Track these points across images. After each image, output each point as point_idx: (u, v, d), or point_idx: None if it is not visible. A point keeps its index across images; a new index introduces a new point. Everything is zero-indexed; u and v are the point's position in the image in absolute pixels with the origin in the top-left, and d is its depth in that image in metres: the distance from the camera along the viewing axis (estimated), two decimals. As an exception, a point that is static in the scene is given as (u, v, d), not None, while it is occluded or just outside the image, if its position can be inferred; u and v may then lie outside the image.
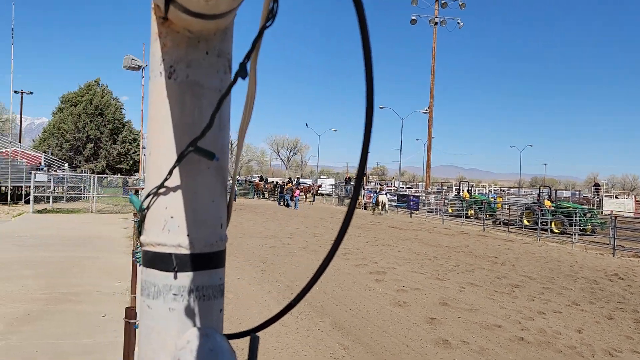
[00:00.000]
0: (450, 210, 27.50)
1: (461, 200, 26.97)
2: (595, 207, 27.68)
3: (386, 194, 31.19)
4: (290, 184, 32.66)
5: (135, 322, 2.97)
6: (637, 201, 39.74)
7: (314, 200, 39.07)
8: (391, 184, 77.04)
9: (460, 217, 25.44)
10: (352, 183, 38.42)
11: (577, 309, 8.15)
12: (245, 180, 51.73)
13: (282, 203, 33.16)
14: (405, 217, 27.68)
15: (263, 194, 42.68)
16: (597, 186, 40.69)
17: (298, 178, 44.30)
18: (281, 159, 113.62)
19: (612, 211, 21.24)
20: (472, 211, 25.97)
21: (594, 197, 38.66)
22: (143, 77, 20.35)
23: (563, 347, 6.13)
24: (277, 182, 43.71)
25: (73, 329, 5.50)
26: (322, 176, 70.66)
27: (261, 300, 7.68)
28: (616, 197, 41.54)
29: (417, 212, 28.18)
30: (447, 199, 29.62)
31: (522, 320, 7.23)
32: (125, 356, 2.98)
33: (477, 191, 42.58)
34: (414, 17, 36.44)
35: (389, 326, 6.66)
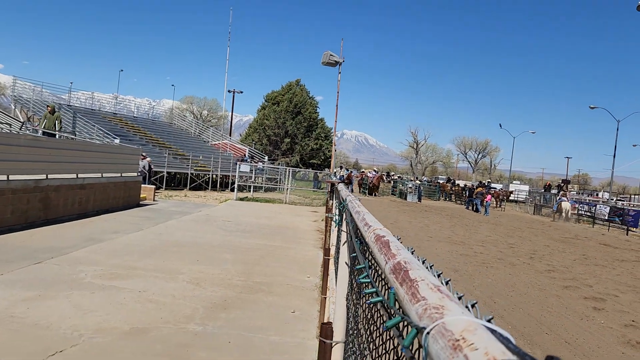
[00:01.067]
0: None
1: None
2: None
3: (574, 201, 27.53)
4: (481, 188, 30.60)
5: (332, 342, 2.47)
6: None
7: (502, 207, 36.07)
8: (596, 194, 68.11)
9: (696, 239, 20.86)
10: (552, 191, 34.55)
11: None
12: (431, 181, 50.45)
13: (470, 207, 31.30)
14: (618, 234, 23.74)
15: (449, 197, 41.00)
16: None
17: (489, 182, 41.49)
18: (468, 161, 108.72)
19: None
20: None
21: None
22: (340, 72, 20.60)
23: None
24: (465, 185, 41.61)
25: (264, 322, 5.38)
26: (514, 181, 65.51)
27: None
28: None
29: (636, 229, 23.96)
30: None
31: None
32: (318, 379, 2.51)
33: None
34: (642, 2, 31.03)
35: (623, 373, 5.29)
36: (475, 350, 0.39)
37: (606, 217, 26.52)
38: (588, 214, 28.82)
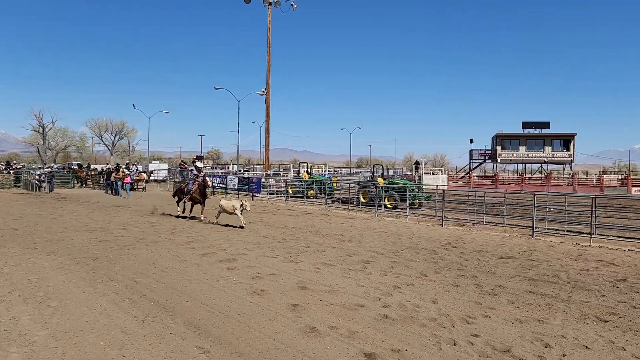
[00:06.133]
0: (290, 191, 27.64)
1: (301, 181, 27.26)
2: (415, 183, 30.20)
3: (210, 175, 31.07)
4: (121, 172, 29.59)
5: None
6: (450, 176, 44.78)
7: (143, 188, 36.16)
8: (228, 167, 75.90)
9: (301, 197, 25.70)
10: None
11: (426, 280, 8.41)
12: (64, 168, 46.12)
13: (109, 191, 30.13)
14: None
15: (85, 182, 38.45)
16: (417, 164, 44.73)
17: (128, 163, 40.69)
18: (105, 144, 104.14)
19: (437, 186, 23.21)
20: (312, 191, 26.37)
21: (414, 174, 42.43)
22: None
23: (425, 320, 6.13)
24: (102, 169, 39.73)
25: None
26: (154, 161, 66.32)
27: (95, 305, 6.43)
28: (433, 173, 46.24)
29: (259, 194, 27.79)
30: (290, 180, 29.83)
31: (382, 297, 7.16)
32: None
33: (313, 172, 43.74)
34: (247, -4, 35.49)
35: (251, 319, 6.02)
36: None
37: (236, 187, 29.80)
38: (221, 185, 31.75)
